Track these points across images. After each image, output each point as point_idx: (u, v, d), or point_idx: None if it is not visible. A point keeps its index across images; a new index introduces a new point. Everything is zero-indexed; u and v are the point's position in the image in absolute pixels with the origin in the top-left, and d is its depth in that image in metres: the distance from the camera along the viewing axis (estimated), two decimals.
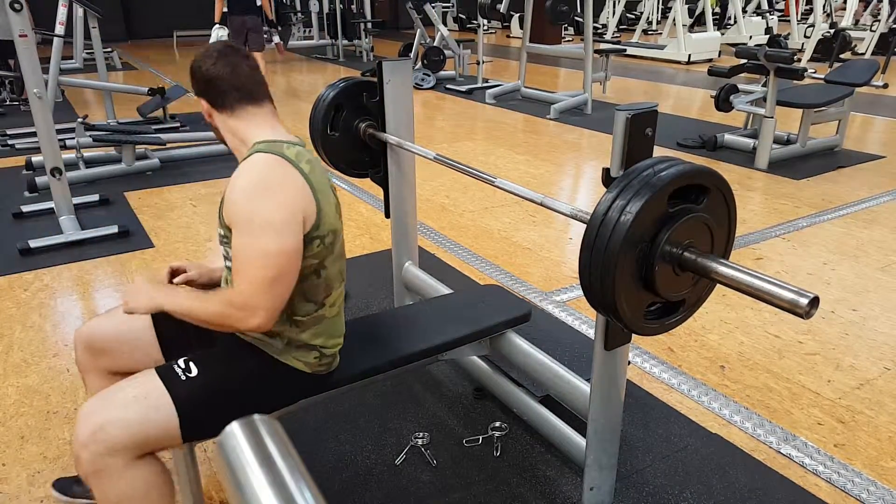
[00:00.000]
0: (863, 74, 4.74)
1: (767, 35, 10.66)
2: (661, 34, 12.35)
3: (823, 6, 9.51)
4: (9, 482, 1.73)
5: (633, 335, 1.34)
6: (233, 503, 0.47)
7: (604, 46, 7.77)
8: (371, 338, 1.71)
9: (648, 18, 14.21)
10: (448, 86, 7.89)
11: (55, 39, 5.12)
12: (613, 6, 13.24)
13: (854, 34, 9.67)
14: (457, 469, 1.75)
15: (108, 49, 9.08)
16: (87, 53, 7.82)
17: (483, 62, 8.26)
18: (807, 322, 2.49)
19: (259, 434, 0.51)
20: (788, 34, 10.68)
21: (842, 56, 8.63)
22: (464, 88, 7.61)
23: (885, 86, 5.16)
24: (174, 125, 5.68)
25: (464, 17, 14.02)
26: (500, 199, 3.88)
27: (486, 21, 10.69)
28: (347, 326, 1.53)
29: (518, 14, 10.01)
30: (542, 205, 1.51)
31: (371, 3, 11.74)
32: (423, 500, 1.65)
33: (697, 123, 5.97)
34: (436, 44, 8.47)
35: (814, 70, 5.21)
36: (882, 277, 2.90)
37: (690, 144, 5.10)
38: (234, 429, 0.51)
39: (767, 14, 11.84)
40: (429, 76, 7.95)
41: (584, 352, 2.26)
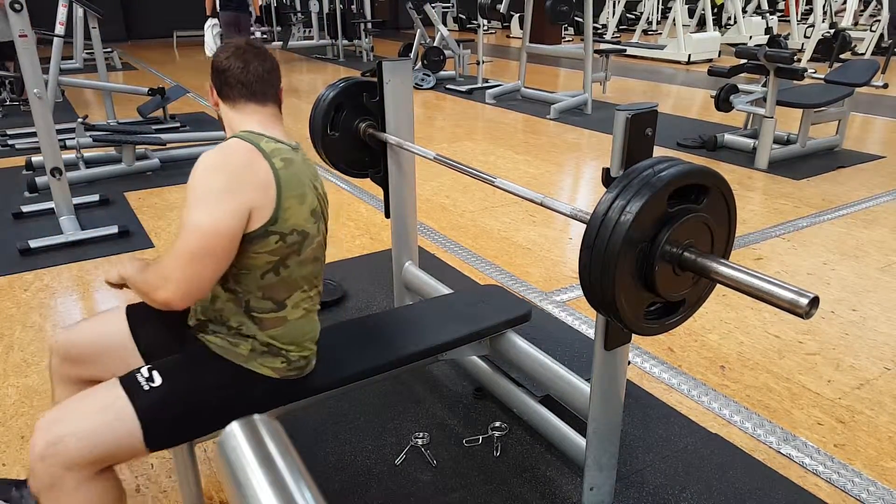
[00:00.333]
0: (863, 74, 4.74)
1: (767, 35, 10.66)
2: (661, 34, 12.35)
3: (823, 6, 9.50)
4: None
5: (633, 335, 1.34)
6: (233, 503, 0.47)
7: (604, 46, 7.77)
8: (371, 338, 1.71)
9: (648, 18, 14.21)
10: (448, 86, 7.89)
11: (55, 39, 5.12)
12: (613, 6, 13.23)
13: (854, 34, 9.67)
14: (457, 469, 1.76)
15: (108, 49, 9.07)
16: (87, 53, 7.82)
17: (483, 62, 8.26)
18: (807, 322, 2.49)
19: (259, 434, 0.51)
20: (788, 34, 10.68)
21: (842, 56, 8.63)
22: (464, 88, 7.61)
23: (885, 86, 5.16)
24: (174, 125, 5.68)
25: (464, 17, 14.02)
26: (500, 199, 3.88)
27: (486, 21, 10.70)
28: (347, 326, 1.53)
29: (518, 14, 10.03)
30: (542, 205, 1.51)
31: (371, 3, 11.73)
32: (423, 500, 1.65)
33: (697, 123, 5.97)
34: (436, 44, 8.47)
35: (814, 70, 5.22)
36: (882, 277, 2.90)
37: (690, 144, 5.10)
38: (234, 429, 0.51)
39: (767, 14, 11.84)
40: (429, 76, 7.95)
41: (584, 352, 2.26)
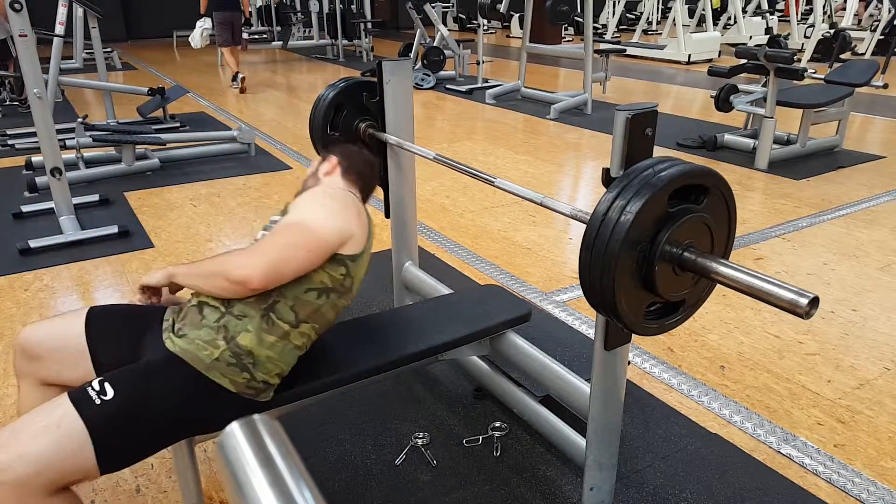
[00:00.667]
0: (863, 74, 4.74)
1: (767, 35, 10.66)
2: (661, 34, 12.35)
3: (823, 6, 9.51)
4: None
5: (633, 335, 1.34)
6: (233, 503, 0.47)
7: (604, 46, 7.77)
8: (371, 338, 1.71)
9: (648, 18, 14.21)
10: (448, 86, 7.89)
11: (55, 39, 5.12)
12: (613, 6, 13.23)
13: (854, 34, 9.67)
14: (457, 469, 1.76)
15: (108, 49, 9.07)
16: (87, 53, 7.82)
17: (483, 62, 8.26)
18: (807, 322, 2.49)
19: (259, 434, 0.51)
20: (788, 34, 10.68)
21: (842, 56, 8.63)
22: (464, 88, 7.61)
23: (885, 86, 5.16)
24: (174, 125, 5.68)
25: (464, 17, 14.01)
26: (500, 199, 3.88)
27: (486, 21, 10.70)
28: (347, 326, 1.54)
29: (518, 14, 10.03)
30: (542, 205, 1.51)
31: (371, 3, 11.73)
32: (423, 500, 1.65)
33: (697, 123, 5.97)
34: (436, 44, 8.47)
35: (814, 70, 5.23)
36: (882, 277, 2.90)
37: (690, 144, 5.10)
38: (234, 429, 0.51)
39: (767, 14, 11.84)
40: (429, 76, 7.95)
41: (584, 352, 2.26)
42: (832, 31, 9.13)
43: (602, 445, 1.54)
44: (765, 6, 12.85)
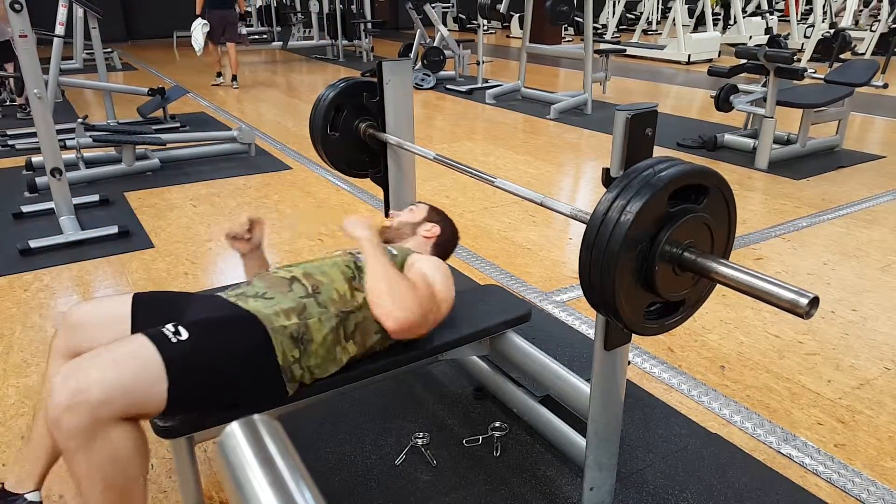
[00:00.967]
0: (863, 74, 4.74)
1: (767, 35, 10.66)
2: (661, 34, 12.35)
3: (823, 6, 9.51)
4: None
5: (633, 335, 1.34)
6: (233, 503, 0.47)
7: (604, 46, 7.78)
8: None
9: (648, 18, 14.21)
10: (448, 86, 7.89)
11: (55, 40, 5.12)
12: (613, 6, 13.24)
13: (854, 34, 9.67)
14: (457, 469, 1.76)
15: (108, 49, 9.07)
16: (87, 54, 7.82)
17: (483, 62, 8.26)
18: (807, 322, 2.49)
19: (259, 434, 0.51)
20: (788, 34, 10.68)
21: (842, 56, 8.63)
22: (464, 88, 7.61)
23: (885, 86, 5.16)
24: (174, 125, 5.68)
25: (464, 18, 14.02)
26: (500, 199, 3.88)
27: (486, 21, 10.70)
28: None
29: (518, 14, 10.02)
30: (542, 205, 1.51)
31: (371, 4, 11.73)
32: (423, 500, 1.65)
33: (697, 123, 5.97)
34: (436, 44, 8.47)
35: (814, 70, 5.22)
36: (882, 277, 2.90)
37: (690, 144, 5.10)
38: (234, 429, 0.51)
39: (767, 14, 11.84)
40: (429, 76, 7.95)
41: (584, 352, 2.26)
42: (832, 31, 9.13)
43: (602, 445, 1.54)
44: (765, 6, 12.85)
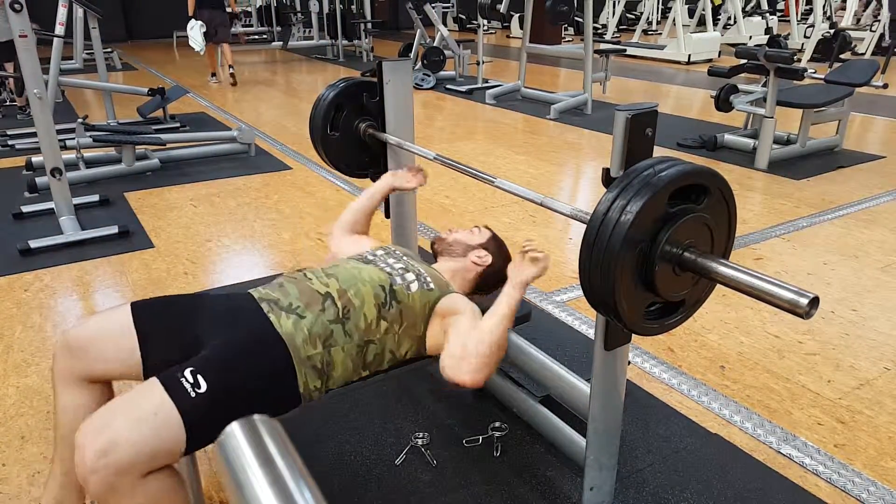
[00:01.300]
0: (863, 74, 4.74)
1: (767, 35, 10.66)
2: (661, 34, 12.35)
3: (823, 6, 9.51)
4: (9, 482, 1.74)
5: (633, 335, 1.34)
6: (233, 503, 0.47)
7: (604, 46, 7.77)
8: None
9: (648, 18, 14.21)
10: (448, 86, 7.89)
11: (55, 40, 5.12)
12: (613, 6, 13.23)
13: (854, 34, 9.67)
14: (457, 469, 1.76)
15: (108, 49, 9.07)
16: (87, 54, 7.82)
17: (483, 62, 8.26)
18: (807, 322, 2.48)
19: (259, 434, 0.51)
20: (788, 34, 10.68)
21: (842, 56, 8.63)
22: (464, 89, 7.61)
23: (885, 86, 5.15)
24: (174, 125, 5.68)
25: (464, 18, 14.02)
26: (500, 199, 3.88)
27: (486, 21, 10.69)
28: None
29: (518, 14, 10.02)
30: (542, 205, 1.51)
31: (371, 3, 11.74)
32: (423, 500, 1.65)
33: (697, 123, 5.97)
34: (436, 44, 8.47)
35: (814, 70, 5.21)
36: (882, 277, 2.90)
37: (690, 144, 5.10)
38: (234, 429, 0.51)
39: (767, 14, 11.84)
40: (429, 76, 7.95)
41: (584, 352, 2.26)
42: (832, 31, 9.13)
43: (602, 445, 1.54)
44: (765, 6, 12.85)
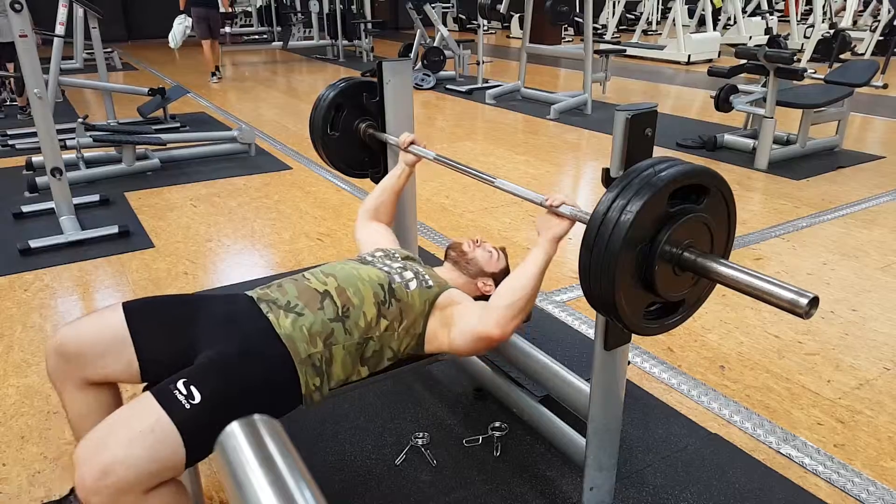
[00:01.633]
0: (862, 75, 4.74)
1: (767, 35, 10.66)
2: (661, 34, 12.35)
3: (823, 6, 9.50)
4: (9, 482, 1.74)
5: (633, 335, 1.34)
6: (233, 503, 0.47)
7: (604, 47, 7.78)
8: None
9: (648, 19, 14.21)
10: (448, 86, 7.89)
11: (55, 39, 5.13)
12: (613, 6, 13.23)
13: (854, 34, 9.67)
14: (457, 469, 1.76)
15: (109, 49, 9.08)
16: (88, 54, 7.82)
17: (483, 62, 8.26)
18: (807, 322, 2.49)
19: (259, 434, 0.51)
20: (788, 34, 10.68)
21: (841, 56, 8.63)
22: (464, 89, 7.61)
23: (885, 86, 5.16)
24: (174, 125, 5.68)
25: (464, 18, 14.02)
26: (500, 199, 3.88)
27: (486, 21, 10.69)
28: None
29: (518, 14, 10.02)
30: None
31: (371, 4, 11.74)
32: (423, 500, 1.65)
33: (697, 124, 5.97)
34: (436, 44, 8.47)
35: (814, 70, 5.22)
36: (882, 277, 2.90)
37: (690, 145, 5.10)
38: (234, 429, 0.51)
39: (767, 14, 11.83)
40: (429, 76, 7.95)
41: (584, 352, 2.26)
42: (832, 32, 9.13)
43: (602, 445, 1.54)
44: (765, 6, 12.85)
